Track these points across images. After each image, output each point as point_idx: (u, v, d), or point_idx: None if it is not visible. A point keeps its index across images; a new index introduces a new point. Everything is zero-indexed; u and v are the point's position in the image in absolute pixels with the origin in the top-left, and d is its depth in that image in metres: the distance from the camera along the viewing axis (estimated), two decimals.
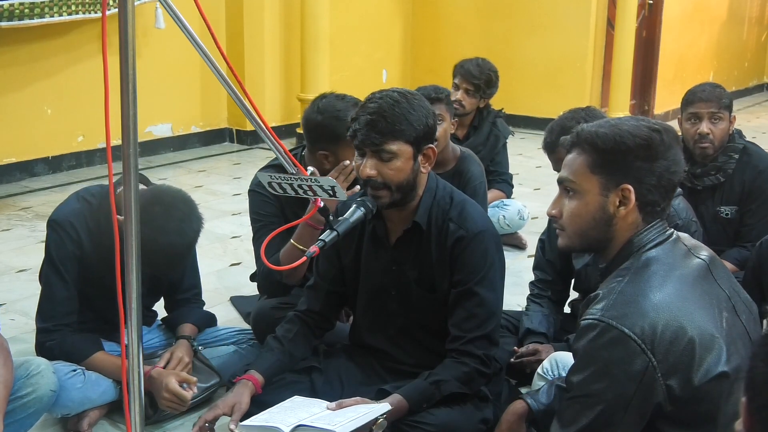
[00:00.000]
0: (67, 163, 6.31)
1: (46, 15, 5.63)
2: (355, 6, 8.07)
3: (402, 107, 2.35)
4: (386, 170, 2.37)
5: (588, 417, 1.76)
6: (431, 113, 2.44)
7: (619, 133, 1.82)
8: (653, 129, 1.83)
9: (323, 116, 2.91)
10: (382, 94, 2.40)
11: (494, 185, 4.68)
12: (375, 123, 2.34)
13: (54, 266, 2.72)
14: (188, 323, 3.00)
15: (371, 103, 2.38)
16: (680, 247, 1.86)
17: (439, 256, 2.48)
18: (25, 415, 2.50)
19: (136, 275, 1.66)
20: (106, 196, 2.74)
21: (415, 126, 2.36)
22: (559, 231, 1.94)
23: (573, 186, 1.88)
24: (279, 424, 2.23)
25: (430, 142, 2.43)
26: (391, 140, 2.35)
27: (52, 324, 2.73)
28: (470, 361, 2.43)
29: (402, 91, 2.42)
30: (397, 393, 2.39)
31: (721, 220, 3.57)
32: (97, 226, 2.70)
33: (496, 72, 4.74)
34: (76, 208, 2.74)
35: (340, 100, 2.96)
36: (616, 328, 1.70)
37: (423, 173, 2.45)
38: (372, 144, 2.35)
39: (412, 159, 2.39)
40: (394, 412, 2.34)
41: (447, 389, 2.41)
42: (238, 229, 4.96)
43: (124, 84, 1.58)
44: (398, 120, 2.34)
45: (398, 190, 2.40)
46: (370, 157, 2.38)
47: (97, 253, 2.70)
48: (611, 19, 8.10)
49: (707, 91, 3.48)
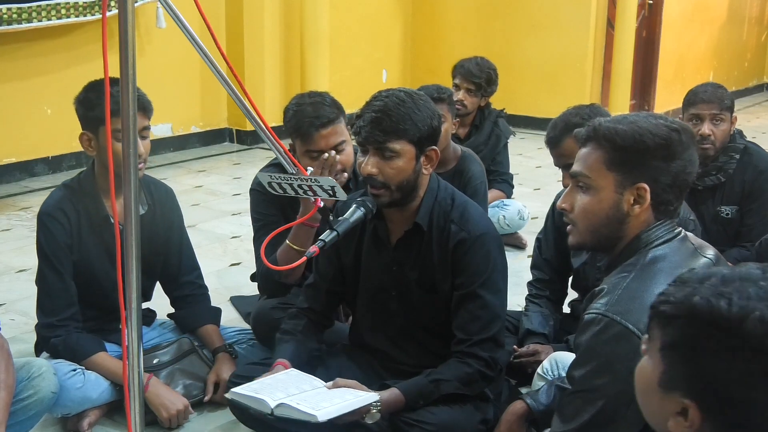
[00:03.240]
0: (67, 163, 6.31)
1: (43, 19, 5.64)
2: (355, 6, 8.07)
3: (407, 107, 2.35)
4: (387, 169, 2.37)
5: (589, 412, 1.75)
6: (436, 115, 2.43)
7: (639, 131, 1.80)
8: (672, 129, 1.81)
9: (289, 111, 2.95)
10: (388, 92, 2.40)
11: (495, 185, 4.68)
12: (379, 121, 2.33)
13: (47, 260, 2.74)
14: (210, 324, 3.03)
15: (377, 101, 2.37)
16: (687, 246, 1.85)
17: (441, 257, 2.47)
18: (25, 416, 2.51)
19: (136, 275, 1.66)
20: (85, 177, 2.81)
21: (419, 126, 2.36)
22: (569, 228, 1.92)
23: (587, 181, 1.85)
24: (266, 397, 2.23)
25: (434, 144, 2.43)
26: (394, 139, 2.34)
27: (55, 319, 2.74)
28: (475, 362, 2.42)
29: (408, 91, 2.42)
30: (395, 387, 2.40)
31: (721, 220, 3.56)
32: (84, 207, 2.76)
33: (495, 70, 4.75)
34: (59, 196, 2.79)
35: (308, 96, 2.98)
36: (620, 323, 1.70)
37: (424, 174, 2.45)
38: (375, 141, 2.35)
39: (414, 159, 2.39)
40: (391, 404, 2.34)
41: (446, 389, 2.40)
42: (238, 229, 4.96)
43: (124, 84, 1.58)
44: (403, 119, 2.34)
45: (398, 190, 2.40)
46: (372, 154, 2.38)
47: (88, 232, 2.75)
48: (611, 19, 8.09)
49: (709, 92, 3.47)
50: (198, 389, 2.88)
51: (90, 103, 2.63)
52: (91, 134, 2.66)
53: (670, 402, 1.16)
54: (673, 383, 1.15)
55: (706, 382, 1.11)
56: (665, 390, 1.17)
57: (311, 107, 2.88)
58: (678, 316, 1.14)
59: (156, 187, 2.97)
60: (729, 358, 1.09)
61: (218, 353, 2.94)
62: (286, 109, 2.96)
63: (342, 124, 2.91)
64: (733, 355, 1.09)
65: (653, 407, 1.21)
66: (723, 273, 1.15)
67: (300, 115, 2.88)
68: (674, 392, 1.15)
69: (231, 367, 2.86)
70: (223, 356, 2.93)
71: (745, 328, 1.08)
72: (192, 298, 3.08)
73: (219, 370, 2.87)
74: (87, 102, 2.64)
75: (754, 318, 1.08)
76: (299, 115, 2.88)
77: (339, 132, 2.88)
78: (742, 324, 1.08)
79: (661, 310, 1.17)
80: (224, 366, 2.88)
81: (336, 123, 2.88)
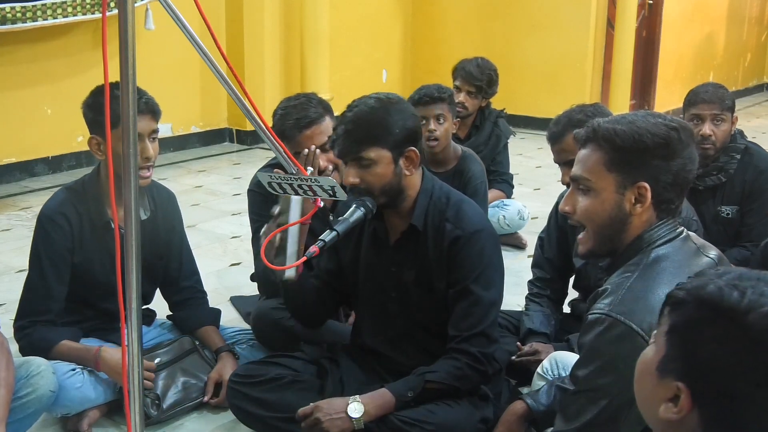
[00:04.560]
0: (67, 163, 6.31)
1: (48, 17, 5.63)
2: (355, 6, 8.07)
3: (377, 114, 2.37)
4: (368, 177, 2.39)
5: (592, 412, 1.75)
6: (411, 116, 2.44)
7: (638, 131, 1.80)
8: (671, 127, 1.81)
9: (276, 114, 2.95)
10: (358, 101, 2.42)
11: (495, 185, 4.67)
12: (351, 132, 2.37)
13: (38, 262, 2.74)
14: (210, 326, 3.03)
15: (348, 113, 2.41)
16: (690, 246, 1.85)
17: (437, 256, 2.47)
18: (24, 415, 2.51)
19: (136, 275, 1.65)
20: (89, 180, 2.80)
21: (391, 131, 2.37)
22: (580, 237, 1.92)
23: (588, 184, 1.86)
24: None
25: (412, 145, 2.43)
26: (367, 147, 2.36)
27: (27, 320, 2.74)
28: (463, 357, 2.43)
29: (379, 96, 2.43)
30: (382, 387, 2.42)
31: (721, 220, 3.57)
32: (86, 210, 2.76)
33: (495, 71, 4.75)
34: (62, 198, 2.78)
35: (294, 98, 2.98)
36: (624, 323, 1.70)
37: (408, 176, 2.45)
38: (350, 153, 2.38)
39: (393, 163, 2.40)
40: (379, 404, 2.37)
41: (433, 378, 2.41)
42: (238, 229, 4.95)
43: (124, 84, 1.57)
44: (373, 126, 2.36)
45: (382, 195, 2.41)
46: (350, 165, 2.40)
47: (89, 236, 2.75)
48: (611, 19, 8.09)
49: (710, 92, 3.47)
50: (198, 390, 2.87)
51: (99, 106, 2.62)
52: (100, 138, 2.66)
53: (663, 387, 1.18)
54: (671, 367, 1.17)
55: (702, 369, 1.13)
56: (661, 374, 1.18)
57: (295, 109, 2.89)
58: (688, 301, 1.16)
59: (158, 191, 2.97)
60: (728, 346, 1.11)
61: (221, 352, 2.94)
62: (274, 112, 2.97)
63: (328, 123, 2.91)
64: (732, 344, 1.11)
65: (647, 392, 1.23)
66: (742, 271, 1.18)
67: (284, 117, 2.89)
68: (669, 376, 1.17)
69: (234, 366, 2.86)
70: (226, 355, 2.92)
71: (749, 320, 1.10)
72: (191, 301, 3.08)
73: (222, 370, 2.86)
74: (96, 106, 2.64)
75: (762, 312, 1.10)
76: (284, 118, 2.89)
77: (324, 131, 2.88)
78: (747, 315, 1.10)
79: (674, 294, 1.20)
80: (227, 365, 2.87)
81: (320, 122, 2.88)
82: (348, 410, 2.34)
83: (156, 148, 2.72)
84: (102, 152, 2.67)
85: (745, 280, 1.15)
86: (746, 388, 1.10)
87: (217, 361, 2.92)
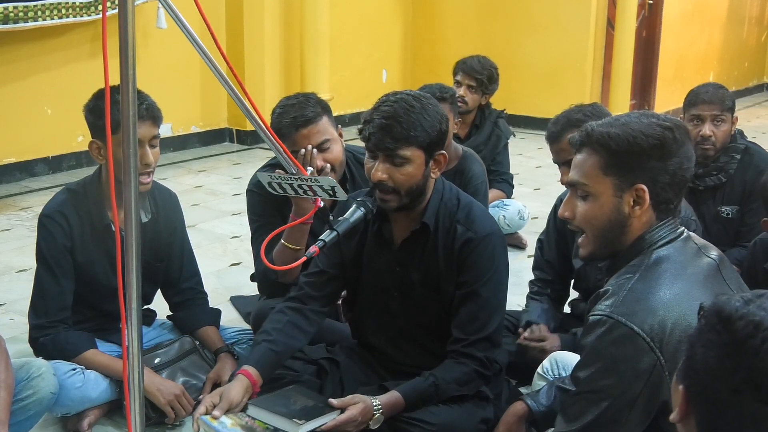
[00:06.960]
0: (67, 163, 6.31)
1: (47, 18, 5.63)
2: (355, 6, 8.07)
3: (417, 112, 2.34)
4: (397, 175, 2.36)
5: (593, 413, 1.75)
6: (444, 118, 2.43)
7: (632, 133, 1.79)
8: (665, 127, 1.80)
9: (273, 113, 2.94)
10: (396, 97, 2.38)
11: (495, 185, 4.68)
12: (389, 127, 2.32)
13: (45, 262, 2.74)
14: (210, 326, 3.02)
15: (385, 106, 2.36)
16: (691, 246, 1.85)
17: (446, 257, 2.47)
18: (24, 417, 2.50)
19: (136, 275, 1.65)
20: (90, 183, 2.80)
21: (429, 132, 2.35)
22: (580, 241, 1.92)
23: (586, 189, 1.85)
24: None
25: (442, 148, 2.43)
26: (404, 146, 2.33)
27: (46, 320, 2.74)
28: (470, 362, 2.43)
29: (416, 95, 2.40)
30: (395, 390, 2.40)
31: (722, 220, 3.57)
32: (87, 212, 2.75)
33: (496, 68, 4.80)
34: (63, 199, 2.78)
35: (293, 98, 2.97)
36: (625, 325, 1.69)
37: (432, 178, 2.45)
38: (385, 149, 2.34)
39: (424, 165, 2.38)
40: (391, 407, 2.36)
41: (445, 392, 2.41)
42: (238, 229, 4.95)
43: (124, 84, 1.57)
44: (413, 125, 2.33)
45: (407, 195, 2.40)
46: (382, 161, 2.37)
47: (90, 238, 2.75)
48: (611, 19, 8.09)
49: (710, 92, 3.47)
50: (198, 391, 2.86)
51: (100, 111, 2.62)
52: (100, 142, 2.66)
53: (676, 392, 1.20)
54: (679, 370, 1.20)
55: (695, 371, 1.14)
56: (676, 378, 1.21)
57: (293, 107, 2.88)
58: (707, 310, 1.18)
59: (160, 192, 2.96)
60: (714, 350, 1.13)
61: (221, 353, 2.94)
62: (272, 112, 2.96)
63: (325, 123, 2.89)
64: (717, 349, 1.12)
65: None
66: (762, 291, 1.19)
67: (281, 115, 2.88)
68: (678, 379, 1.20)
69: (233, 367, 2.85)
70: (225, 356, 2.92)
71: (737, 326, 1.11)
72: (192, 302, 3.08)
73: (221, 370, 2.86)
74: (97, 110, 2.64)
75: (750, 320, 1.10)
76: (281, 116, 2.88)
77: (321, 130, 2.87)
78: (737, 322, 1.11)
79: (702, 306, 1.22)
80: (226, 366, 2.87)
81: (317, 122, 2.86)
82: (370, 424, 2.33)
83: (156, 154, 2.71)
84: (102, 156, 2.66)
85: (760, 297, 1.16)
86: (724, 392, 1.10)
87: (217, 361, 2.92)
